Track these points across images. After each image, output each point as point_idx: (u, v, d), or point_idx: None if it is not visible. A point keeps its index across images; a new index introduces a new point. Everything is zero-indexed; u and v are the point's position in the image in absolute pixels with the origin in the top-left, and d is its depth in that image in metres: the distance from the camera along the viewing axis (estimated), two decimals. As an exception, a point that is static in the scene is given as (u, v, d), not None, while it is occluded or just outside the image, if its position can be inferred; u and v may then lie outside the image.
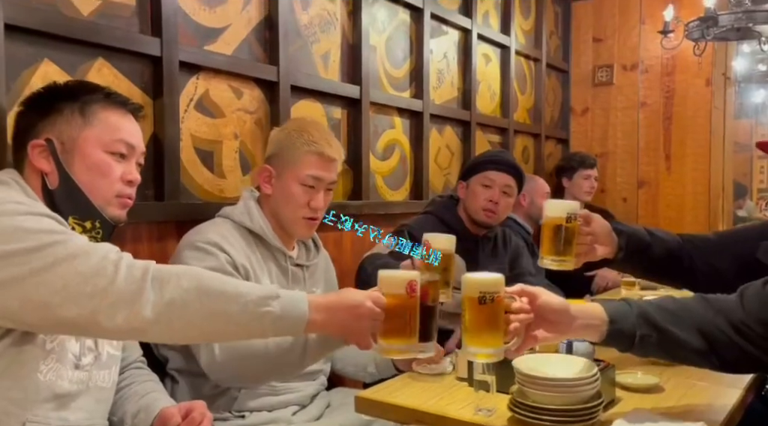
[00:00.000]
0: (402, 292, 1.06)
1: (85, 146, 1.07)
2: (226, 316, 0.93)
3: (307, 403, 1.54)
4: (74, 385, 1.03)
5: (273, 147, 1.55)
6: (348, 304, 1.04)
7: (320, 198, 1.51)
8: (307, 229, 1.54)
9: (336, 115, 2.24)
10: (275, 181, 1.51)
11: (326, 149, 1.49)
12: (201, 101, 1.74)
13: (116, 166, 1.10)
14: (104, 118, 1.10)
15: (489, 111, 3.17)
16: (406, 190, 2.64)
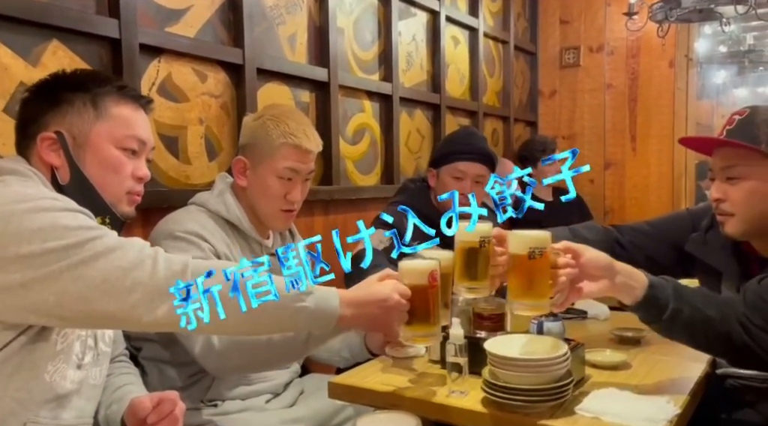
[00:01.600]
0: (424, 282, 1.11)
1: (97, 141, 1.05)
2: (265, 310, 0.94)
3: (281, 391, 1.53)
4: (74, 385, 1.01)
5: (247, 137, 1.49)
6: (377, 298, 1.08)
7: (297, 190, 1.47)
8: (284, 222, 1.51)
9: (304, 99, 2.20)
10: (250, 173, 1.46)
11: (304, 141, 1.44)
12: (164, 85, 1.69)
13: (127, 163, 1.08)
14: (117, 113, 1.07)
15: (458, 94, 3.16)
16: (377, 174, 2.62)
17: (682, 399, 1.17)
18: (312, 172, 1.52)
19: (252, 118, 1.50)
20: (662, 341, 1.57)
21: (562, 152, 3.61)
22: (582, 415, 1.09)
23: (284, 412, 1.45)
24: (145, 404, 1.03)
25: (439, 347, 1.38)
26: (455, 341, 1.23)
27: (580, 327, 1.74)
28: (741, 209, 1.34)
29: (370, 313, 1.08)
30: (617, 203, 3.71)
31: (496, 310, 1.39)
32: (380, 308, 1.08)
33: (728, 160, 1.36)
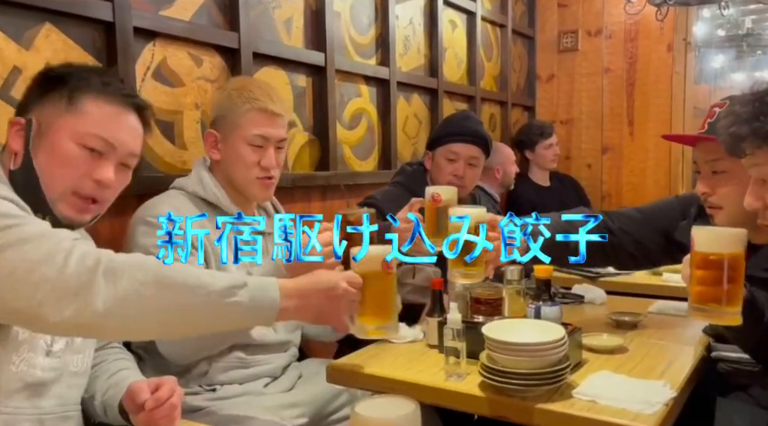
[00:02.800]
0: (377, 268, 1.03)
1: (57, 133, 1.00)
2: (188, 309, 0.88)
3: (279, 375, 1.53)
4: (47, 373, 1.00)
5: (215, 110, 1.50)
6: (322, 287, 1.00)
7: (271, 156, 1.46)
8: (262, 190, 1.49)
9: (301, 83, 2.18)
10: (222, 145, 1.46)
11: (269, 105, 1.44)
12: (159, 69, 1.67)
13: (82, 161, 1.00)
14: (91, 109, 1.02)
15: (456, 78, 3.14)
16: (375, 160, 2.61)
17: (678, 382, 1.17)
18: (284, 141, 1.51)
19: (218, 91, 1.53)
20: (659, 325, 1.59)
21: (558, 137, 3.60)
22: (579, 398, 1.10)
23: (282, 396, 1.45)
24: (143, 389, 1.02)
25: (437, 331, 1.39)
26: (453, 326, 1.23)
27: (577, 311, 1.75)
28: (729, 202, 1.34)
29: (315, 303, 1.00)
30: (614, 188, 3.71)
31: (493, 295, 1.39)
32: (326, 297, 1.00)
33: (712, 153, 1.35)
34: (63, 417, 1.03)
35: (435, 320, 1.42)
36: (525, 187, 3.24)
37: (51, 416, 1.01)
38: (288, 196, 2.05)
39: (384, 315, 1.06)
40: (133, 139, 1.07)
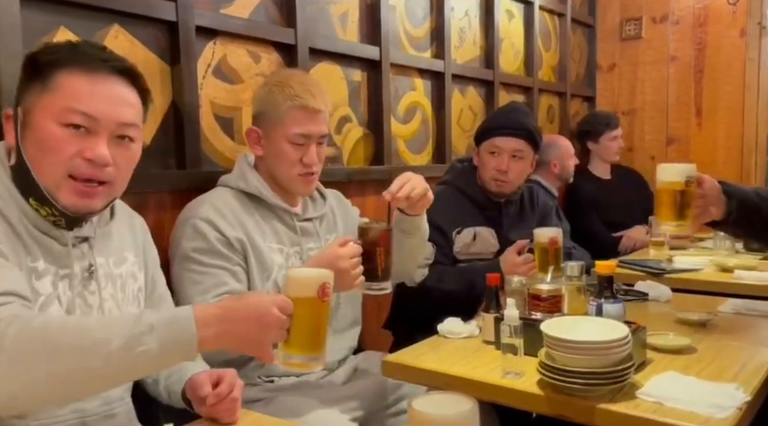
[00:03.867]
0: (312, 295, 0.92)
1: (38, 117, 0.93)
2: (88, 372, 0.79)
3: (335, 368, 1.56)
4: None
5: (257, 106, 1.51)
6: (252, 313, 0.88)
7: (312, 153, 1.46)
8: (304, 186, 1.51)
9: (356, 78, 2.19)
10: (264, 141, 1.48)
11: (310, 101, 1.43)
12: (219, 67, 1.71)
13: (69, 141, 0.92)
14: (63, 82, 0.93)
15: (512, 70, 3.08)
16: (429, 153, 2.60)
17: (752, 386, 1.12)
18: (325, 137, 1.51)
19: (260, 87, 1.53)
20: (731, 325, 1.51)
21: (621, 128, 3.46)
22: (644, 399, 1.06)
23: (338, 389, 1.47)
24: (205, 383, 1.03)
25: (493, 328, 1.37)
26: (510, 322, 1.21)
27: (640, 309, 1.69)
28: None
29: (241, 330, 0.88)
30: (680, 181, 3.55)
31: (553, 292, 1.36)
32: (256, 325, 0.88)
33: None
34: (107, 416, 1.06)
35: (491, 316, 1.40)
36: (585, 181, 3.14)
37: (94, 417, 1.03)
38: (343, 190, 2.05)
39: (313, 346, 0.94)
40: (118, 107, 0.96)
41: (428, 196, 1.44)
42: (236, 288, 1.37)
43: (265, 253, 1.43)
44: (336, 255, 1.26)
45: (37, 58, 0.94)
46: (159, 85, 1.56)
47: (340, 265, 1.24)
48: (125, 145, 0.99)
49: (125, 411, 1.10)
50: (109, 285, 1.06)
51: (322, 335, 0.95)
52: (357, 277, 1.28)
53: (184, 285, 1.36)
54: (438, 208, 1.94)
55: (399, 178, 1.40)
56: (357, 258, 1.28)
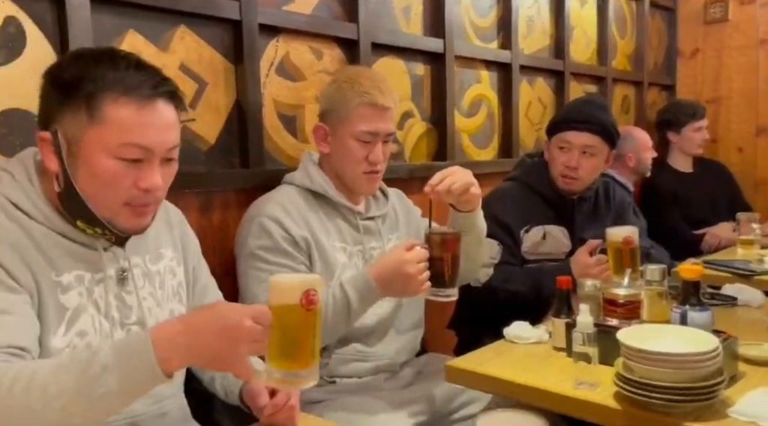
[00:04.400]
0: (294, 302, 0.83)
1: (89, 151, 0.91)
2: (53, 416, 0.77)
3: (398, 370, 1.53)
4: None
5: (324, 103, 1.50)
6: (220, 326, 0.81)
7: (378, 151, 1.45)
8: (369, 184, 1.49)
9: (418, 72, 2.16)
10: (331, 138, 1.47)
11: (379, 98, 1.42)
12: (282, 64, 1.72)
13: (125, 174, 0.92)
14: (113, 115, 0.90)
15: (584, 59, 2.95)
16: (494, 148, 2.52)
17: None
18: (392, 135, 1.49)
19: (328, 84, 1.52)
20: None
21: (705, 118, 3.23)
22: (735, 418, 0.98)
23: (400, 392, 1.45)
24: (262, 393, 1.02)
25: (564, 334, 1.31)
26: (583, 330, 1.15)
27: (729, 315, 1.56)
28: None
29: (206, 344, 0.81)
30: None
31: (630, 297, 1.28)
32: (224, 338, 0.80)
33: None
34: (159, 414, 1.04)
35: (562, 322, 1.33)
36: (664, 175, 2.97)
37: (144, 416, 1.02)
38: (405, 187, 2.02)
39: (297, 360, 0.85)
40: (168, 132, 0.95)
41: (472, 190, 1.37)
42: None
43: (329, 252, 1.43)
44: (402, 259, 1.23)
45: (79, 85, 0.90)
46: (223, 84, 1.58)
47: (406, 270, 1.22)
48: (170, 165, 0.99)
49: (178, 408, 1.10)
50: (147, 283, 1.06)
51: (309, 348, 0.85)
52: (423, 282, 1.24)
53: (250, 283, 1.37)
54: (505, 205, 1.88)
55: (441, 171, 1.36)
56: (423, 263, 1.24)
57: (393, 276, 1.25)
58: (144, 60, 0.97)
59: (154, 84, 0.93)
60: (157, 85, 0.93)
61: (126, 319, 1.01)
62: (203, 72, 1.53)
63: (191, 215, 1.48)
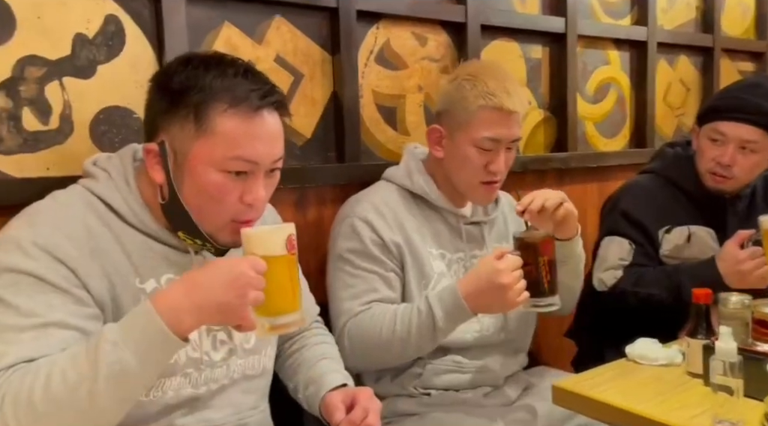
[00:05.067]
0: (282, 252, 0.86)
1: (195, 163, 0.90)
2: (85, 417, 0.78)
3: (501, 385, 1.40)
4: (203, 387, 0.98)
5: (442, 102, 1.36)
6: (225, 277, 0.81)
7: (500, 160, 1.30)
8: (486, 195, 1.36)
9: (535, 55, 1.98)
10: (447, 142, 1.34)
11: (505, 101, 1.26)
12: (381, 53, 1.65)
13: (232, 188, 0.91)
14: (221, 128, 0.89)
15: (739, 32, 2.57)
16: (625, 137, 2.27)
17: None
18: (517, 141, 1.34)
19: (447, 80, 1.37)
20: None
21: None
22: None
23: (502, 411, 1.32)
24: (338, 408, 0.97)
25: (701, 358, 1.10)
26: (724, 357, 0.95)
27: None
28: None
29: (214, 298, 0.81)
30: None
31: (789, 318, 1.04)
32: (231, 288, 0.80)
33: None
34: (239, 425, 1.03)
35: (699, 343, 1.13)
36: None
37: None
38: (518, 182, 1.88)
39: (290, 304, 0.88)
40: (275, 144, 0.94)
41: (565, 206, 1.26)
42: (388, 296, 1.29)
43: (424, 259, 1.33)
44: (494, 270, 1.13)
45: (188, 94, 0.89)
46: (320, 75, 1.54)
47: (500, 281, 1.12)
48: (273, 175, 0.97)
49: (260, 420, 1.07)
50: None
51: (296, 291, 0.89)
52: (521, 292, 1.14)
53: (337, 286, 1.31)
54: (639, 201, 1.64)
55: (530, 193, 1.25)
56: (518, 271, 1.14)
57: (485, 290, 1.14)
58: (252, 66, 0.96)
59: (263, 94, 0.91)
60: (265, 96, 0.91)
61: (214, 326, 1.00)
62: (299, 63, 1.50)
63: (286, 211, 1.47)
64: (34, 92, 1.14)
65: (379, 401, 1.01)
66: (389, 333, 1.22)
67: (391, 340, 1.21)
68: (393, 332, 1.21)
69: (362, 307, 1.26)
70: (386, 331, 1.22)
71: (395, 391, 1.33)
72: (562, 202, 1.25)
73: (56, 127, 1.17)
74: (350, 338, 1.25)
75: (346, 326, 1.26)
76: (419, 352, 1.27)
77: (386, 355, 1.25)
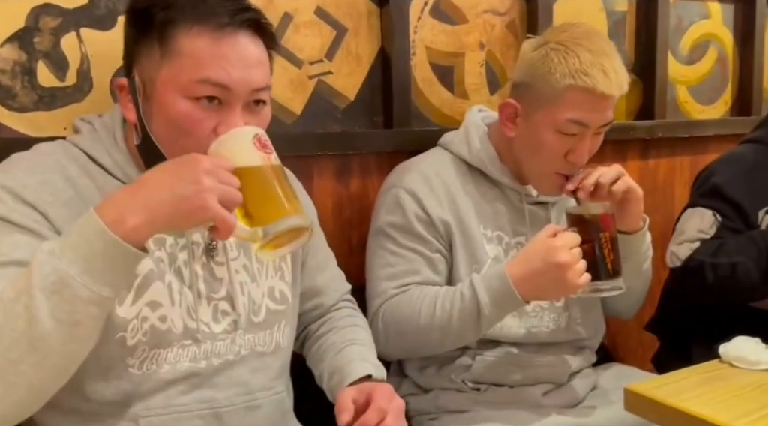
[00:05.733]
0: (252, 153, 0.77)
1: (162, 91, 0.81)
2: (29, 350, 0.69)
3: (564, 381, 1.24)
4: (203, 361, 0.89)
5: (522, 73, 1.16)
6: (174, 167, 0.72)
7: (584, 148, 1.11)
8: (556, 187, 1.17)
9: (619, 8, 1.77)
10: (521, 121, 1.16)
11: (600, 82, 1.06)
12: (437, 5, 1.49)
13: (204, 117, 0.80)
14: (185, 46, 0.80)
15: None
16: (725, 103, 2.01)
17: None
18: (608, 124, 1.14)
19: (530, 45, 1.16)
20: None
21: None
22: None
23: (564, 413, 1.17)
24: (347, 408, 0.85)
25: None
26: None
27: None
28: None
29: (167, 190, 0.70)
30: None
31: None
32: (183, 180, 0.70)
33: None
34: (247, 408, 0.92)
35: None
36: None
37: (230, 408, 0.90)
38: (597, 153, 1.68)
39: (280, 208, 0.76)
40: (252, 69, 0.82)
41: (628, 183, 1.10)
42: (431, 279, 1.16)
43: (476, 241, 1.18)
44: (550, 248, 1.00)
45: (151, 13, 0.81)
46: (366, 30, 1.40)
47: (557, 260, 0.99)
48: (257, 111, 0.86)
49: (275, 402, 0.96)
50: (242, 255, 0.94)
51: (291, 195, 0.77)
52: (581, 273, 1.00)
53: (375, 264, 1.19)
54: (736, 176, 1.38)
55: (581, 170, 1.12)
56: (577, 249, 1.01)
57: (540, 272, 1.01)
58: None
59: (234, 11, 0.81)
60: (236, 13, 0.81)
61: (213, 292, 0.91)
62: (342, 16, 1.37)
63: (326, 181, 1.36)
64: (49, 44, 1.08)
65: (400, 400, 0.88)
66: (428, 318, 1.10)
67: (429, 325, 1.09)
68: (432, 317, 1.09)
69: (399, 290, 1.14)
70: (425, 315, 1.10)
71: (441, 384, 1.20)
72: (619, 176, 1.09)
73: (74, 83, 1.10)
74: (384, 322, 1.14)
75: (381, 308, 1.15)
76: (461, 342, 1.14)
77: (424, 342, 1.13)
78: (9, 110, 1.07)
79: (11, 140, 1.05)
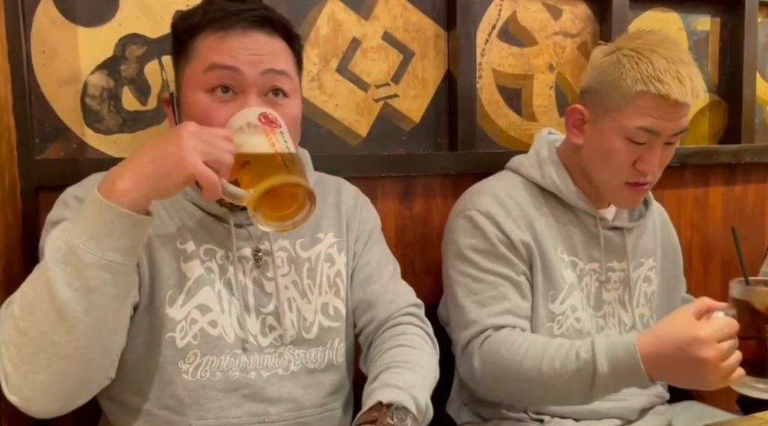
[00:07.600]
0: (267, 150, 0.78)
1: (185, 91, 0.90)
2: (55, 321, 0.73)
3: (635, 418, 1.19)
4: (252, 372, 0.92)
5: (591, 79, 1.16)
6: (164, 138, 0.76)
7: (654, 158, 1.09)
8: (628, 199, 1.15)
9: (701, 27, 1.72)
10: (589, 127, 1.15)
11: (674, 90, 1.04)
12: (506, 28, 1.51)
13: (218, 108, 0.87)
14: (200, 46, 0.89)
15: None
16: (823, 128, 1.90)
17: None
18: (682, 133, 1.11)
19: (601, 51, 1.16)
20: None
21: None
22: None
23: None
24: None
25: None
26: None
27: None
28: None
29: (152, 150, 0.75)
30: None
31: None
32: (170, 143, 0.74)
33: None
34: (299, 423, 0.94)
35: None
36: None
37: (280, 424, 0.92)
38: (676, 178, 1.64)
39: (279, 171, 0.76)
40: (264, 57, 0.88)
41: None
42: (520, 305, 1.12)
43: (555, 266, 1.15)
44: (691, 338, 0.89)
45: (176, 29, 0.93)
46: (433, 53, 1.44)
47: (698, 355, 0.88)
48: (277, 102, 0.90)
49: (326, 420, 0.98)
50: (292, 270, 0.97)
51: (293, 162, 0.78)
52: (730, 371, 0.88)
53: (458, 292, 1.15)
54: None
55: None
56: (731, 341, 0.88)
57: (675, 360, 0.91)
58: None
59: (242, 10, 0.89)
60: (244, 11, 0.89)
61: (262, 306, 0.95)
62: (409, 40, 1.42)
63: (389, 203, 1.40)
64: (134, 71, 1.18)
65: None
66: (535, 372, 1.01)
67: (532, 378, 1.02)
68: (539, 371, 1.01)
69: (493, 320, 1.09)
70: (528, 368, 1.02)
71: (500, 414, 1.19)
72: None
73: (154, 107, 1.20)
74: (483, 363, 1.07)
75: (473, 343, 1.09)
76: (566, 403, 1.09)
77: (524, 397, 1.09)
78: (96, 132, 1.17)
79: (96, 160, 1.15)
